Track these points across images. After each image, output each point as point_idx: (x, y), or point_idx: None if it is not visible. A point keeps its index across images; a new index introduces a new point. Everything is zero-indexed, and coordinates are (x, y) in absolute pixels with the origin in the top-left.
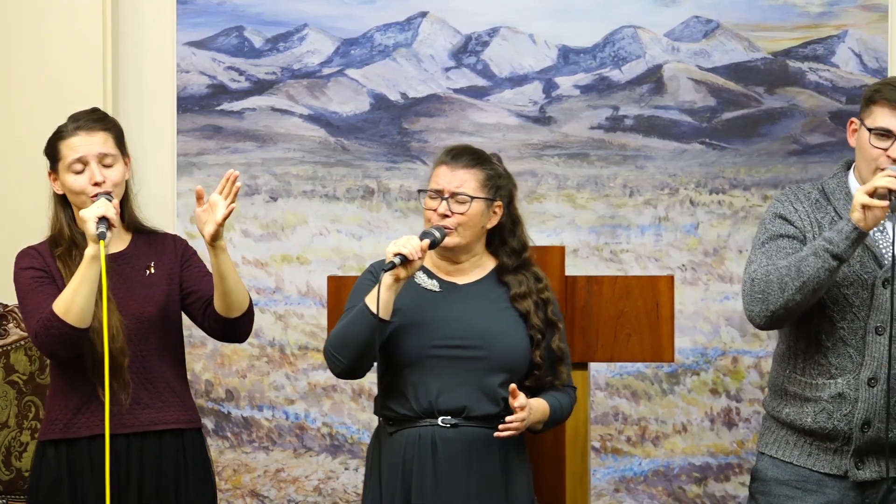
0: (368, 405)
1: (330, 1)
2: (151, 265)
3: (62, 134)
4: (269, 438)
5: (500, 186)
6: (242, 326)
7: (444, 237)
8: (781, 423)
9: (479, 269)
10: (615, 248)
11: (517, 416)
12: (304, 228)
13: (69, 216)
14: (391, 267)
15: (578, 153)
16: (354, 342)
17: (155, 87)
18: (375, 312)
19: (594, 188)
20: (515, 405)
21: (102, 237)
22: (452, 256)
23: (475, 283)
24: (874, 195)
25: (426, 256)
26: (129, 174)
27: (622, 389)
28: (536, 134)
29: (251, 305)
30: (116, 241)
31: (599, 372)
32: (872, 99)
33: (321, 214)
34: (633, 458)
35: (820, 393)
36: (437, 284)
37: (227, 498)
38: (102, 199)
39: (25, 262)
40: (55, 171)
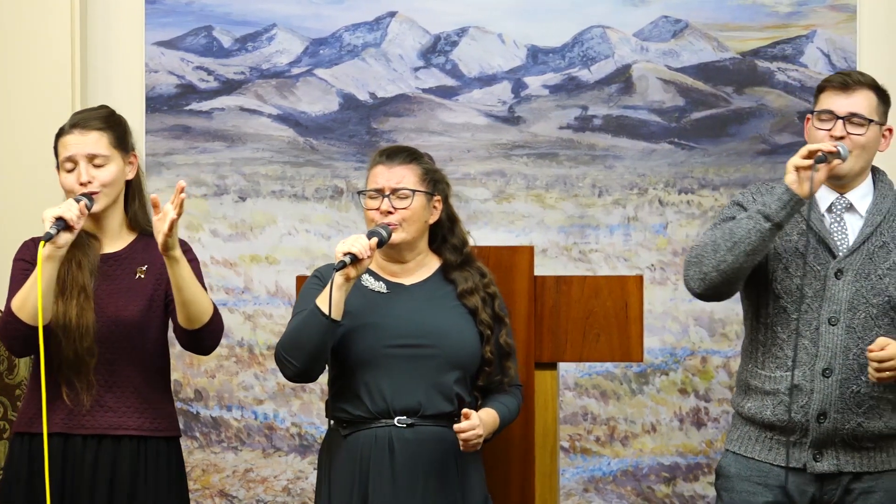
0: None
1: (299, 1)
2: (143, 269)
3: (62, 131)
4: (237, 438)
5: (437, 181)
6: (204, 339)
7: (390, 235)
8: (745, 418)
9: (424, 268)
10: (584, 247)
11: (470, 433)
12: (272, 228)
13: None
14: (342, 266)
15: (547, 153)
16: (306, 344)
17: (123, 86)
18: (327, 313)
19: (563, 188)
20: (465, 428)
21: (48, 238)
22: (398, 255)
23: (422, 282)
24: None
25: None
26: (132, 174)
27: (591, 389)
28: (505, 134)
29: (215, 320)
30: (115, 241)
31: (568, 372)
32: (821, 87)
33: (290, 214)
34: (602, 457)
35: (778, 385)
36: (383, 286)
37: (196, 498)
38: (71, 199)
39: (20, 253)
40: (57, 167)
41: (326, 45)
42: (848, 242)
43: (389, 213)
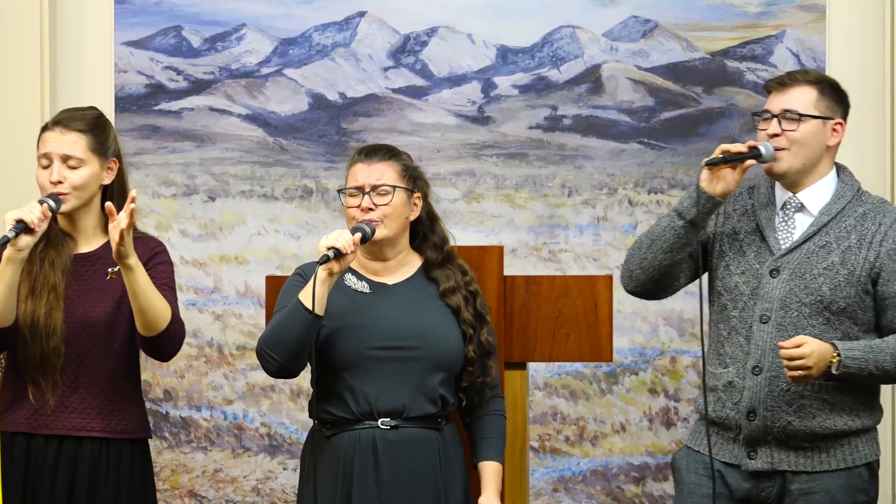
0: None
1: (268, 1)
2: (115, 270)
3: (45, 126)
4: (207, 438)
5: (416, 178)
6: (160, 346)
7: (373, 232)
8: (699, 414)
9: (406, 267)
10: (553, 247)
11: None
12: (242, 228)
13: None
14: (325, 260)
15: (517, 153)
16: (289, 339)
17: (93, 86)
18: (310, 308)
19: (532, 188)
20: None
21: (4, 241)
22: (380, 253)
23: (404, 281)
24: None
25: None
26: (108, 179)
27: (561, 389)
28: (475, 134)
29: (172, 329)
30: (89, 241)
31: (538, 372)
32: (767, 88)
33: (259, 214)
34: (571, 457)
35: (717, 382)
36: (366, 286)
37: (165, 498)
38: (35, 201)
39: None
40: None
41: (296, 44)
42: (791, 241)
43: (370, 209)
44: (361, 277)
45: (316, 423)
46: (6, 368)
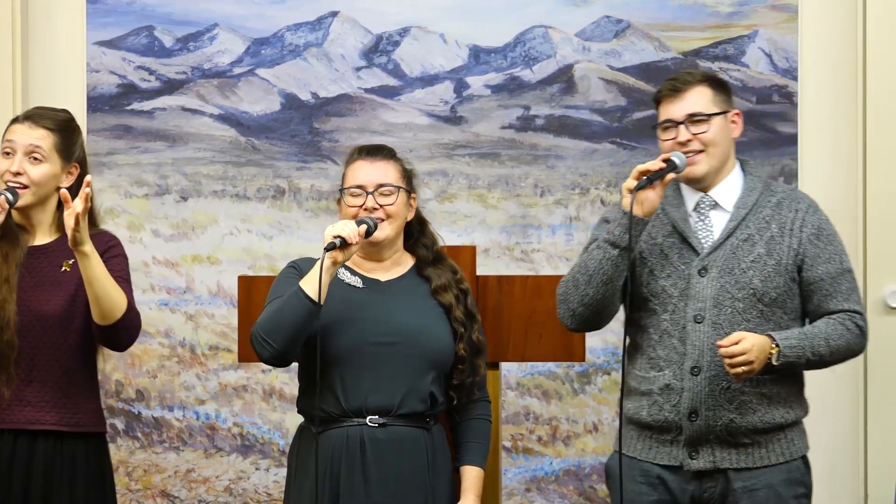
0: (279, 405)
1: (240, 0)
2: (70, 262)
3: (16, 118)
4: (179, 439)
5: (412, 179)
6: (116, 335)
7: (376, 226)
8: (628, 419)
9: (399, 266)
10: (526, 247)
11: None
12: (214, 228)
13: None
14: (332, 247)
15: (489, 153)
16: (287, 325)
17: (65, 86)
18: (310, 296)
19: (505, 188)
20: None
21: None
22: (377, 253)
23: (398, 279)
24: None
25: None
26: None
27: (533, 389)
28: (447, 133)
29: (127, 318)
30: (44, 235)
31: (510, 371)
32: (656, 99)
33: (232, 214)
34: (544, 457)
35: (652, 386)
36: (360, 281)
37: (137, 498)
38: None
39: None
40: None
41: (268, 44)
42: (713, 239)
43: (374, 209)
44: (354, 273)
45: (304, 419)
46: None
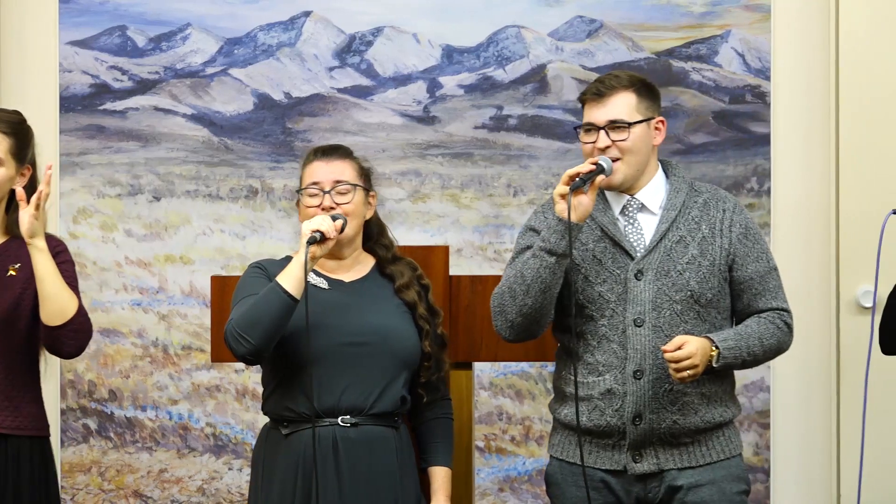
0: (252, 405)
1: (213, 0)
2: (16, 266)
3: None
4: (152, 439)
5: (370, 177)
6: (62, 338)
7: (345, 222)
8: (563, 424)
9: (360, 265)
10: (499, 247)
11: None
12: (187, 228)
13: None
14: (313, 241)
15: (462, 153)
16: (265, 320)
17: (37, 86)
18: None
19: (478, 188)
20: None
21: None
22: (338, 252)
23: (361, 279)
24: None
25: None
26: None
27: (506, 389)
28: (420, 133)
29: (78, 320)
30: None
31: (483, 371)
32: (581, 100)
33: (204, 214)
34: (517, 457)
35: (591, 391)
36: (324, 282)
37: (110, 499)
38: None
39: None
40: None
41: (241, 44)
42: (645, 242)
43: (332, 208)
44: (318, 274)
45: (270, 421)
46: None
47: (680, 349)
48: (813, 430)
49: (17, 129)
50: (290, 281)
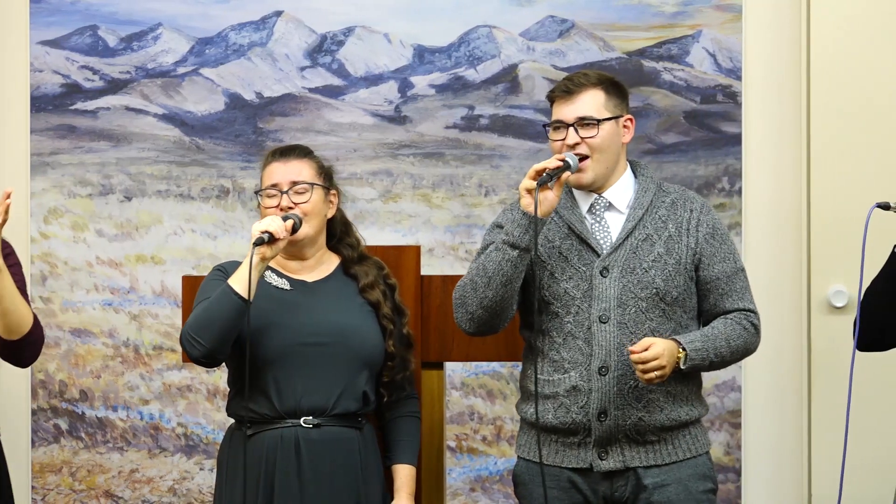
0: (223, 405)
1: (184, 0)
2: None
3: None
4: (123, 439)
5: (331, 176)
6: (21, 350)
7: (301, 221)
8: (530, 424)
9: (324, 265)
10: (471, 247)
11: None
12: (158, 228)
13: None
14: (260, 242)
15: (434, 152)
16: (217, 323)
17: (8, 86)
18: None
19: (450, 187)
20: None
21: None
22: (299, 252)
23: (325, 279)
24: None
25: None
26: None
27: (478, 389)
28: (392, 133)
29: (34, 332)
30: None
31: (455, 371)
32: (550, 98)
33: (176, 214)
34: (488, 457)
35: (557, 388)
36: (286, 283)
37: (81, 499)
38: None
39: None
40: None
41: (212, 44)
42: (611, 240)
43: (290, 208)
44: (281, 275)
45: (235, 422)
46: None
47: (647, 350)
48: (784, 429)
49: None
50: (240, 283)
